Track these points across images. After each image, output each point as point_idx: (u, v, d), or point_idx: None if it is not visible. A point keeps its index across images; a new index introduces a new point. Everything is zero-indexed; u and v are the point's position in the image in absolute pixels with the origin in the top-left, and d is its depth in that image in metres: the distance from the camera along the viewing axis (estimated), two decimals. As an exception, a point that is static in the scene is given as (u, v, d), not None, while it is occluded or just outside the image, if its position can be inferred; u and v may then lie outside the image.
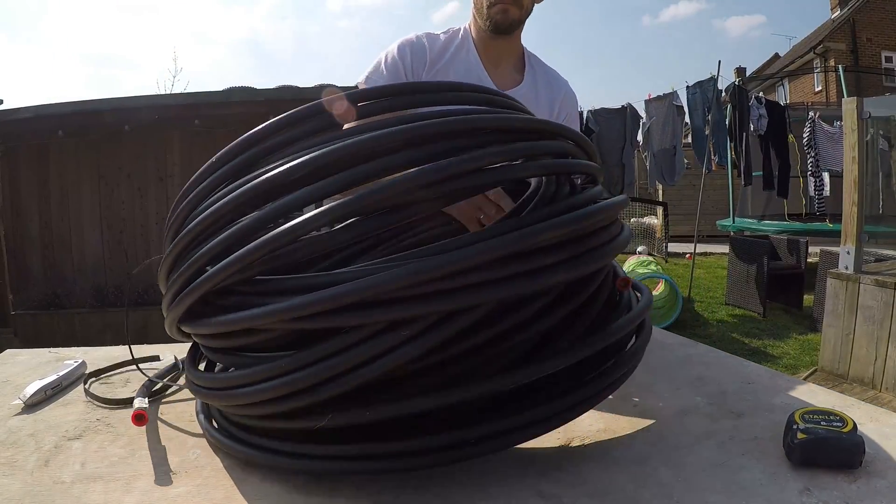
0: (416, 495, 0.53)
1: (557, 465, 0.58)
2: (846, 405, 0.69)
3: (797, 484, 0.53)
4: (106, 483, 0.56)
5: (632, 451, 0.61)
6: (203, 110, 6.01)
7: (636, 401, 0.74)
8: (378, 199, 0.53)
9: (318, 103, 0.61)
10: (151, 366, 0.91)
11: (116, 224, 6.32)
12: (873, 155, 3.78)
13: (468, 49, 1.18)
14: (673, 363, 0.89)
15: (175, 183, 6.27)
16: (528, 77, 1.22)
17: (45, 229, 6.26)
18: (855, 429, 0.55)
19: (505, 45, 1.18)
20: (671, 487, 0.53)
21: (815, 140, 6.71)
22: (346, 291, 0.50)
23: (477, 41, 1.19)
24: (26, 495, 0.54)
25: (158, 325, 0.66)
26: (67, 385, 0.81)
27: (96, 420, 0.70)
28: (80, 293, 6.02)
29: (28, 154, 6.18)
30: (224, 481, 0.56)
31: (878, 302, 2.96)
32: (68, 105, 5.95)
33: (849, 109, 3.19)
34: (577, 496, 0.53)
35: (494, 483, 0.55)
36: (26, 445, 0.64)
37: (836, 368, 3.20)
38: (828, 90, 16.14)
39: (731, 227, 8.11)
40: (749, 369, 0.86)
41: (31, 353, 0.98)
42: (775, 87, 18.20)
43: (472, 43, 1.19)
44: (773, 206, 7.94)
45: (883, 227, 4.21)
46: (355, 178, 0.54)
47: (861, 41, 16.27)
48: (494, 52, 1.18)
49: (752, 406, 0.71)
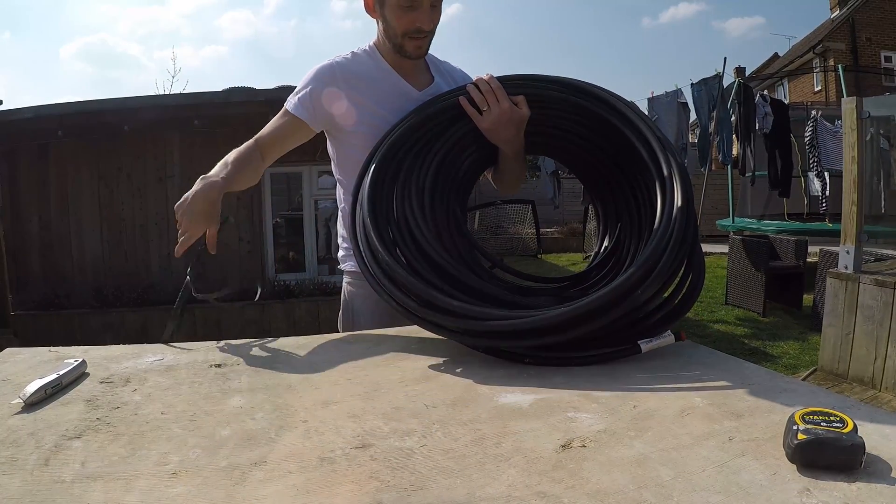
0: (417, 495, 0.54)
1: (557, 465, 0.58)
2: (846, 406, 0.69)
3: (797, 484, 0.53)
4: (106, 483, 0.56)
5: (632, 451, 0.61)
6: (203, 110, 6.02)
7: (636, 401, 0.74)
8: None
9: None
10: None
11: (116, 224, 6.33)
12: (873, 155, 3.78)
13: (383, 67, 1.29)
14: (673, 363, 0.89)
15: (175, 183, 6.28)
16: (434, 74, 1.35)
17: (45, 229, 6.26)
18: (855, 429, 0.55)
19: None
20: (671, 487, 0.53)
21: (818, 139, 6.70)
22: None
23: (388, 58, 1.29)
24: (26, 494, 0.54)
25: (158, 325, 0.66)
26: (68, 384, 0.81)
27: (96, 419, 0.70)
28: (80, 293, 6.02)
29: (28, 154, 6.18)
30: (224, 481, 0.56)
31: (877, 301, 2.96)
32: (68, 105, 5.96)
33: (848, 109, 3.19)
34: (577, 496, 0.53)
35: (494, 483, 0.55)
36: (26, 444, 0.64)
37: (836, 368, 3.20)
38: (827, 90, 16.14)
39: (731, 226, 8.12)
40: (749, 370, 0.86)
41: (30, 351, 0.98)
42: (775, 86, 18.20)
43: (383, 60, 1.29)
44: (773, 206, 7.94)
45: (883, 227, 4.21)
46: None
47: (860, 41, 16.27)
48: (408, 65, 1.29)
49: (752, 406, 0.71)
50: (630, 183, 1.15)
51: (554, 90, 1.16)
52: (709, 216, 8.92)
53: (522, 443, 0.63)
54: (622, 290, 0.87)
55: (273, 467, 0.59)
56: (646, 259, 0.89)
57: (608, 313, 0.87)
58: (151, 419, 0.71)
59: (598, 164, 1.22)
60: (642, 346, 0.90)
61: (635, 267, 0.89)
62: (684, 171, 1.02)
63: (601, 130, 1.14)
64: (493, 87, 1.14)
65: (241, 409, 0.74)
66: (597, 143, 1.18)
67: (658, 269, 0.89)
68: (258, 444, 0.64)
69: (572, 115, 1.16)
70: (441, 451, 0.62)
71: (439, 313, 0.92)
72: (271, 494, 0.54)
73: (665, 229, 0.93)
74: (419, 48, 1.23)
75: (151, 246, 6.36)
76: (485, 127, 1.15)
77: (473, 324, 0.89)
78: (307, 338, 1.07)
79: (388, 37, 1.24)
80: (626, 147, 1.09)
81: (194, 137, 6.19)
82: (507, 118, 1.14)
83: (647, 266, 0.89)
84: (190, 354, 0.98)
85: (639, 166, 1.08)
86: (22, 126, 5.85)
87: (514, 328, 0.87)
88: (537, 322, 0.86)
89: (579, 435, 0.65)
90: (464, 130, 1.17)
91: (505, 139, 1.18)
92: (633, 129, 1.08)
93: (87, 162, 6.25)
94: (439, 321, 0.93)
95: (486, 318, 0.88)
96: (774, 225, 7.49)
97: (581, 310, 0.86)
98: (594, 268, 1.19)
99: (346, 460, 0.60)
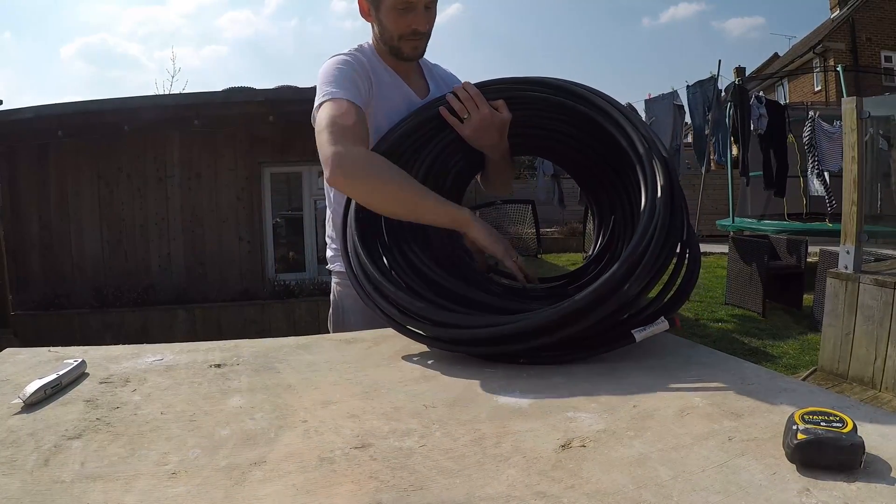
0: (416, 495, 0.54)
1: (557, 465, 0.58)
2: (846, 406, 0.69)
3: (797, 484, 0.53)
4: (105, 483, 0.56)
5: (632, 451, 0.61)
6: (203, 110, 6.02)
7: (636, 401, 0.74)
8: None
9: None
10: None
11: (116, 224, 6.33)
12: (873, 155, 3.78)
13: (384, 68, 1.27)
14: (673, 363, 0.89)
15: (175, 183, 6.28)
16: (428, 80, 1.35)
17: (44, 230, 6.27)
18: (855, 429, 0.55)
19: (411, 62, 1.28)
20: (671, 487, 0.53)
21: (817, 139, 6.70)
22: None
23: (388, 62, 1.27)
24: (26, 494, 0.54)
25: (158, 325, 0.66)
26: (67, 384, 0.81)
27: (96, 419, 0.70)
28: (80, 293, 6.02)
29: (28, 154, 6.18)
30: (224, 481, 0.56)
31: (877, 301, 2.96)
32: (68, 105, 5.96)
33: (848, 109, 3.19)
34: (577, 496, 0.53)
35: (494, 483, 0.55)
36: (26, 444, 0.64)
37: (836, 368, 3.20)
38: (827, 90, 16.14)
39: (731, 226, 8.11)
40: (749, 370, 0.86)
41: (30, 352, 0.98)
42: (775, 86, 18.19)
43: (382, 62, 1.27)
44: (773, 206, 7.94)
45: (882, 227, 4.22)
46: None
47: (860, 41, 16.27)
48: (404, 67, 1.28)
49: (752, 406, 0.71)
50: (621, 178, 1.16)
51: (534, 91, 1.16)
52: (709, 216, 8.92)
53: (522, 443, 0.63)
54: (607, 288, 0.86)
55: (273, 467, 0.59)
56: (629, 254, 0.88)
57: (595, 312, 0.86)
58: (151, 419, 0.71)
59: (587, 160, 1.22)
60: (636, 335, 0.89)
61: (619, 263, 0.88)
62: (666, 161, 1.01)
63: (586, 128, 1.14)
64: (471, 93, 1.14)
65: (240, 409, 0.74)
66: (583, 140, 1.18)
67: (644, 262, 0.88)
68: (258, 444, 0.64)
69: (554, 114, 1.16)
70: (440, 450, 0.62)
71: (423, 322, 0.93)
72: (271, 494, 0.54)
73: (648, 222, 0.92)
74: (416, 49, 1.23)
75: (151, 246, 6.36)
76: (467, 134, 1.15)
77: (457, 333, 0.90)
78: (307, 338, 1.07)
79: (383, 40, 1.23)
80: (610, 142, 1.09)
81: (194, 137, 6.19)
82: (488, 123, 1.13)
83: (630, 261, 0.88)
84: (189, 354, 0.97)
85: (625, 160, 1.08)
86: (22, 126, 5.85)
87: (501, 333, 0.87)
88: (521, 327, 0.86)
89: (579, 435, 0.65)
90: (448, 140, 1.17)
91: (488, 144, 1.18)
92: (614, 123, 1.07)
93: (87, 162, 6.25)
94: (425, 331, 0.94)
95: (469, 326, 0.89)
96: (774, 225, 7.48)
97: (566, 310, 0.85)
98: (591, 263, 1.20)
99: (346, 460, 0.60)
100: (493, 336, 0.88)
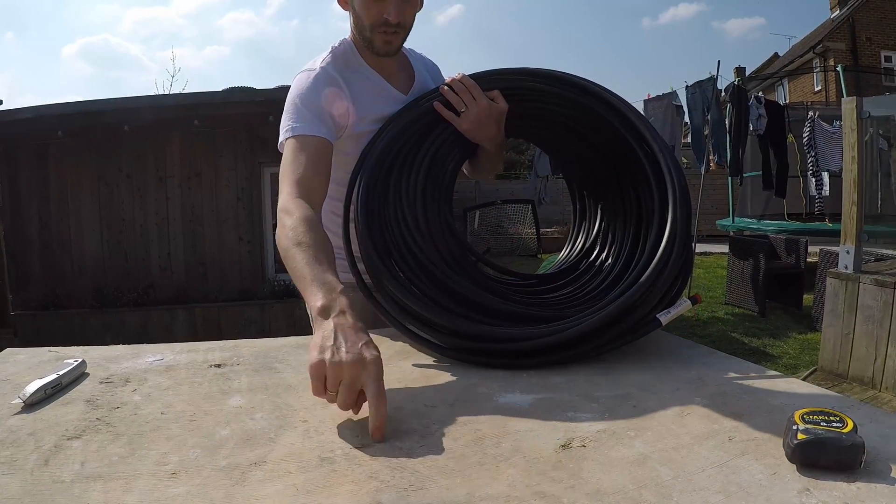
0: (416, 495, 0.54)
1: (557, 465, 0.58)
2: (846, 406, 0.69)
3: (797, 484, 0.53)
4: (105, 483, 0.56)
5: (632, 451, 0.61)
6: (203, 110, 6.01)
7: (636, 401, 0.74)
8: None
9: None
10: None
11: (116, 224, 6.32)
12: (872, 155, 3.78)
13: (362, 69, 1.20)
14: (673, 363, 0.89)
15: (175, 183, 6.28)
16: (416, 72, 1.28)
17: (44, 230, 6.26)
18: (855, 429, 0.55)
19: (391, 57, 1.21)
20: (671, 487, 0.53)
21: (815, 140, 6.71)
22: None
23: (365, 57, 1.20)
24: (26, 494, 0.54)
25: (158, 325, 0.66)
26: (67, 384, 0.81)
27: (96, 419, 0.70)
28: (80, 293, 6.02)
29: (28, 154, 6.18)
30: (224, 481, 0.56)
31: (877, 301, 2.96)
32: (68, 105, 5.95)
33: (848, 109, 3.19)
34: (577, 496, 0.53)
35: (494, 483, 0.55)
36: (26, 444, 0.64)
37: (836, 368, 3.20)
38: (827, 90, 16.13)
39: (731, 226, 8.11)
40: (749, 369, 0.86)
41: (30, 351, 0.98)
42: (775, 86, 18.19)
43: (362, 60, 1.20)
44: (772, 206, 7.94)
45: (882, 227, 4.22)
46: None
47: (860, 41, 16.27)
48: (386, 64, 1.21)
49: (752, 406, 0.71)
50: (619, 176, 1.17)
51: (532, 82, 1.14)
52: (709, 216, 8.92)
53: (522, 443, 0.63)
54: (621, 310, 0.89)
55: (273, 467, 0.59)
56: (658, 260, 0.93)
57: (631, 316, 0.90)
58: (151, 419, 0.71)
59: (583, 152, 1.22)
60: (661, 318, 0.91)
61: (652, 268, 0.92)
62: (677, 162, 1.05)
63: (585, 119, 1.14)
64: (467, 85, 1.10)
65: (240, 408, 0.74)
66: (581, 133, 1.17)
67: (671, 263, 0.93)
68: (258, 443, 0.64)
69: (552, 104, 1.15)
70: (440, 450, 0.62)
71: (435, 331, 0.93)
72: (271, 494, 0.54)
73: (673, 228, 0.96)
74: (388, 43, 1.14)
75: (151, 246, 6.35)
76: (465, 128, 1.11)
77: (468, 343, 0.91)
78: (307, 338, 1.07)
79: (358, 30, 1.16)
80: (614, 137, 1.10)
81: (194, 137, 6.18)
82: (486, 115, 1.10)
83: (659, 266, 0.92)
84: (189, 354, 0.97)
85: (629, 156, 1.09)
86: (22, 126, 5.85)
87: (519, 349, 0.89)
88: (538, 344, 0.88)
89: (579, 435, 0.65)
90: (444, 135, 1.12)
91: (487, 137, 1.14)
92: (621, 117, 1.08)
93: (87, 162, 6.25)
94: (436, 340, 0.94)
95: (483, 339, 0.90)
96: (774, 225, 7.48)
97: (605, 319, 0.89)
98: (581, 258, 1.23)
99: (346, 460, 0.60)
100: (538, 347, 0.88)
